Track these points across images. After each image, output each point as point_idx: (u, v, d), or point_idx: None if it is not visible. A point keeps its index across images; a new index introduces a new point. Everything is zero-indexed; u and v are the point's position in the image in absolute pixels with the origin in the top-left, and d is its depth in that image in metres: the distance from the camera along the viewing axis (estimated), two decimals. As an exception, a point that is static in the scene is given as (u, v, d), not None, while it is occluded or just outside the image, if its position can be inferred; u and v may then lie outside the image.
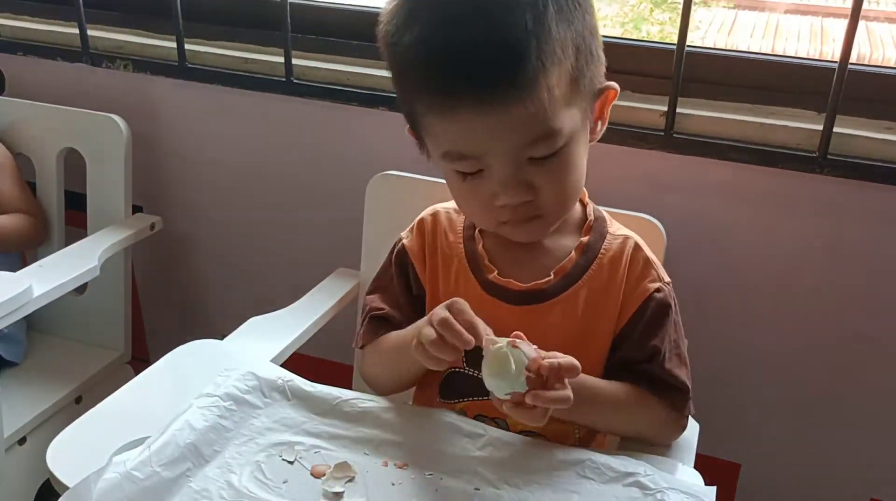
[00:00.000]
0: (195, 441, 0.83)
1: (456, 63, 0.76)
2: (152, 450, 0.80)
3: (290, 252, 1.65)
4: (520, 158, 0.82)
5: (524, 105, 0.77)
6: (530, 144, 0.81)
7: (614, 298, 0.92)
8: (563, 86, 0.80)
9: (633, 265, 0.93)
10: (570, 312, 0.92)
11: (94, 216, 1.56)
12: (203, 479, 0.81)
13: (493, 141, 0.80)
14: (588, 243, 0.94)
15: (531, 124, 0.79)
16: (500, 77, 0.76)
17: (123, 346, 1.61)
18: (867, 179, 1.19)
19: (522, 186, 0.83)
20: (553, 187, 0.85)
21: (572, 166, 0.86)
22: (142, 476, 0.77)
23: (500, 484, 0.81)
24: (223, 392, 0.90)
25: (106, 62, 1.60)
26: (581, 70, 0.82)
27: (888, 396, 1.33)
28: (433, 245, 0.99)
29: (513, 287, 0.92)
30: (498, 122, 0.78)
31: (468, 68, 0.76)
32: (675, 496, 0.79)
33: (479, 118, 0.78)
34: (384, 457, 0.86)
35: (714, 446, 1.42)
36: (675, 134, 1.26)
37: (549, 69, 0.77)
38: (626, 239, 0.95)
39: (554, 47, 0.77)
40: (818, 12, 2.74)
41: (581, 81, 0.83)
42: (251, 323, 1.19)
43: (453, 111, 0.79)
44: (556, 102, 0.79)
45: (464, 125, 0.79)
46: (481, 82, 0.76)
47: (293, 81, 1.47)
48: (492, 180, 0.83)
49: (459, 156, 0.83)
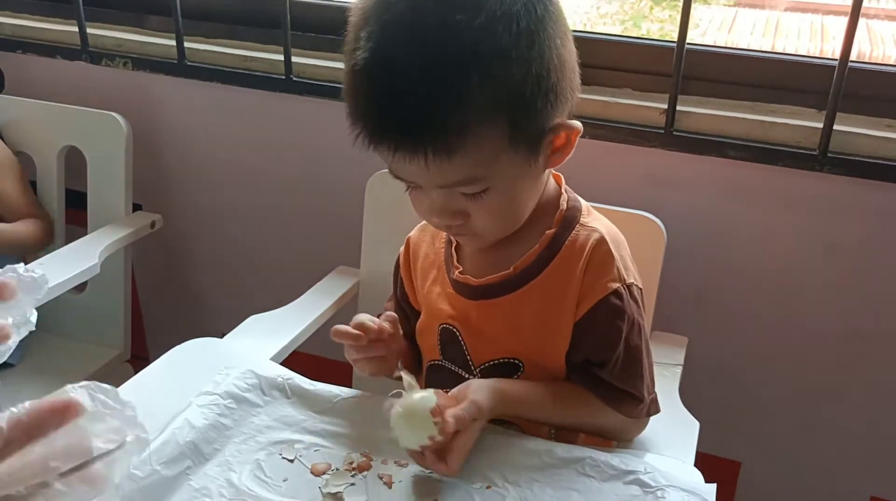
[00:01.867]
0: (195, 440, 0.83)
1: (386, 106, 0.77)
2: (152, 449, 0.80)
3: (289, 250, 1.65)
4: (450, 191, 0.82)
5: (448, 157, 0.77)
6: (456, 185, 0.81)
7: (573, 290, 0.89)
8: (490, 140, 0.78)
9: (594, 259, 0.89)
10: (529, 305, 0.91)
11: (95, 214, 1.56)
12: (203, 477, 0.81)
13: (418, 178, 0.82)
14: (554, 235, 0.91)
15: (456, 171, 0.79)
16: (415, 130, 0.76)
17: (123, 344, 1.61)
18: (867, 176, 1.19)
19: (452, 212, 0.84)
20: (486, 218, 0.85)
21: (508, 201, 0.85)
22: (141, 474, 0.77)
23: (501, 482, 0.81)
24: (223, 391, 0.90)
25: (105, 60, 1.60)
26: (521, 121, 0.79)
27: (888, 393, 1.33)
28: (416, 255, 1.02)
29: (471, 283, 0.93)
30: (423, 165, 0.77)
31: (387, 115, 0.77)
32: (675, 493, 0.79)
33: (405, 158, 0.78)
34: (384, 455, 0.86)
35: (714, 444, 1.42)
36: (676, 132, 1.26)
37: (470, 127, 0.76)
38: (592, 232, 0.90)
39: (486, 105, 0.76)
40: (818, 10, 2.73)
41: (522, 131, 0.80)
42: (251, 321, 1.19)
43: (379, 147, 0.79)
44: (480, 155, 0.78)
45: (396, 160, 0.79)
46: (398, 130, 0.77)
47: (293, 79, 1.47)
48: (430, 201, 0.85)
49: (396, 176, 0.85)
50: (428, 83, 0.74)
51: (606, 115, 1.30)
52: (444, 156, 0.76)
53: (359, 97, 0.79)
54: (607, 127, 1.29)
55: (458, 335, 0.95)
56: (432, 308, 0.98)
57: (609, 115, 1.30)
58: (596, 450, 0.85)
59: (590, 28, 2.49)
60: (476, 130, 0.76)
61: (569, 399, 0.91)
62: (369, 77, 0.77)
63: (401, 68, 0.75)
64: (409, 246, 1.04)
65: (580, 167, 1.33)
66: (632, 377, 0.90)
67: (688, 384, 1.14)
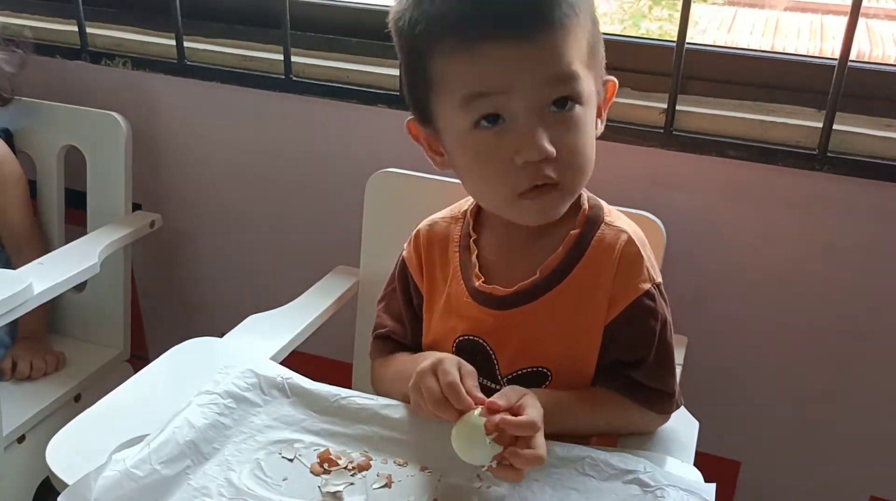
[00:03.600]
0: (195, 439, 0.83)
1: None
2: (152, 448, 0.80)
3: (289, 250, 1.65)
4: (541, 103, 0.81)
5: (548, 40, 0.79)
6: (551, 82, 0.81)
7: (603, 292, 0.89)
8: (583, 45, 0.83)
9: (624, 260, 0.89)
10: (558, 309, 0.90)
11: (94, 214, 1.56)
12: (202, 477, 0.81)
13: (516, 74, 0.80)
14: (579, 235, 0.91)
15: (553, 60, 0.80)
16: (527, 12, 0.79)
17: (123, 344, 1.61)
18: (867, 176, 1.19)
19: (544, 137, 0.81)
20: (569, 148, 0.83)
21: (586, 128, 0.85)
22: (141, 473, 0.77)
23: (500, 481, 0.81)
24: (223, 390, 0.90)
25: (105, 60, 1.60)
26: (596, 44, 0.86)
27: (888, 393, 1.33)
28: (430, 258, 0.98)
29: (497, 293, 0.91)
30: (521, 53, 0.79)
31: (495, 3, 0.79)
32: (674, 493, 0.79)
33: (503, 52, 0.79)
34: (384, 455, 0.85)
35: (714, 443, 1.41)
36: (675, 131, 1.26)
37: (574, 21, 0.80)
38: (620, 232, 0.91)
39: (579, 8, 0.81)
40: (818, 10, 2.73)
41: (596, 53, 0.86)
42: (250, 321, 1.19)
43: (478, 46, 0.79)
44: (577, 53, 0.82)
45: (487, 59, 0.79)
46: (507, 16, 0.78)
47: (292, 79, 1.47)
48: (513, 133, 0.81)
49: (480, 95, 0.81)
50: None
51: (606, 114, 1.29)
52: (544, 40, 0.79)
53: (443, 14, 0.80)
54: (606, 127, 1.26)
55: (487, 346, 0.93)
56: (446, 321, 0.96)
57: (608, 114, 1.29)
58: (596, 450, 0.85)
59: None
60: (577, 22, 0.81)
61: (604, 405, 0.91)
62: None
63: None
64: (420, 246, 1.00)
65: (580, 167, 1.33)
66: (666, 375, 0.91)
67: (687, 384, 1.14)
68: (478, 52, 0.79)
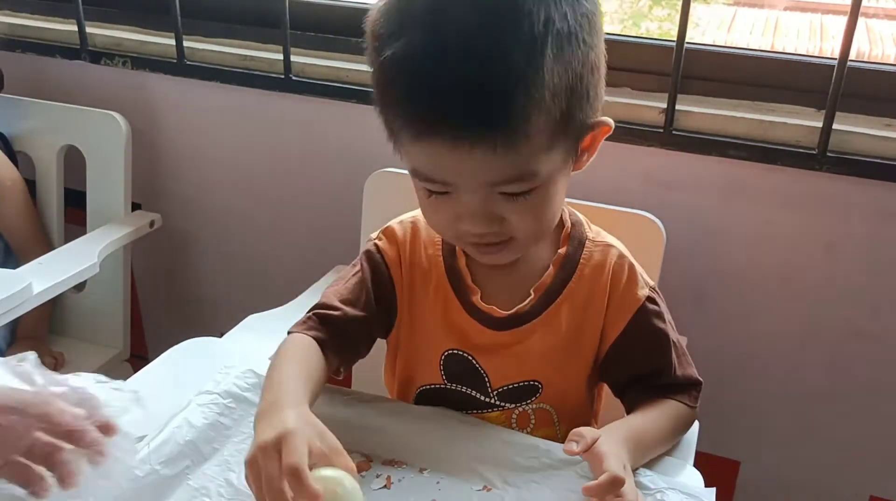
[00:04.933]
0: (194, 439, 0.83)
1: (437, 94, 0.72)
2: (151, 448, 0.80)
3: (288, 249, 1.65)
4: (490, 192, 0.77)
5: (500, 150, 0.72)
6: (502, 183, 0.76)
7: (597, 308, 0.90)
8: (546, 132, 0.75)
9: (618, 274, 0.90)
10: (554, 328, 0.90)
11: (94, 214, 1.56)
12: (202, 477, 0.80)
13: (463, 176, 0.76)
14: (566, 254, 0.90)
15: (505, 168, 0.74)
16: (479, 119, 0.71)
17: (122, 343, 1.61)
18: (866, 175, 1.19)
19: (489, 217, 0.79)
20: (524, 221, 0.80)
21: (547, 203, 0.81)
22: (141, 473, 0.77)
23: (500, 483, 0.81)
24: (222, 390, 0.90)
25: (104, 59, 1.60)
26: (570, 114, 0.76)
27: (887, 393, 1.33)
28: (411, 258, 0.94)
29: (496, 314, 0.90)
30: (471, 160, 0.73)
31: (448, 103, 0.71)
32: (674, 496, 0.79)
33: (452, 153, 0.73)
34: (382, 456, 0.85)
35: (713, 443, 1.41)
36: (675, 131, 1.26)
37: (533, 118, 0.72)
38: (608, 247, 0.91)
39: (543, 95, 0.72)
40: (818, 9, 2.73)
41: (569, 124, 0.77)
42: (250, 320, 1.19)
43: (427, 139, 0.74)
44: (536, 148, 0.75)
45: (435, 154, 0.75)
46: (458, 120, 0.72)
47: (292, 79, 1.47)
48: (459, 204, 0.79)
49: (427, 178, 0.79)
50: (495, 68, 0.70)
51: (606, 114, 1.29)
52: (511, 147, 0.72)
53: (400, 87, 0.74)
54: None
55: (475, 362, 0.92)
56: (433, 332, 0.93)
57: (608, 114, 1.29)
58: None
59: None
60: (539, 119, 0.73)
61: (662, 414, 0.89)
62: (417, 64, 0.72)
63: (460, 54, 0.70)
64: (399, 242, 0.94)
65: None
66: (688, 367, 0.93)
67: (687, 384, 1.14)
68: (425, 145, 0.75)
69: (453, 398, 0.94)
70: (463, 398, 0.94)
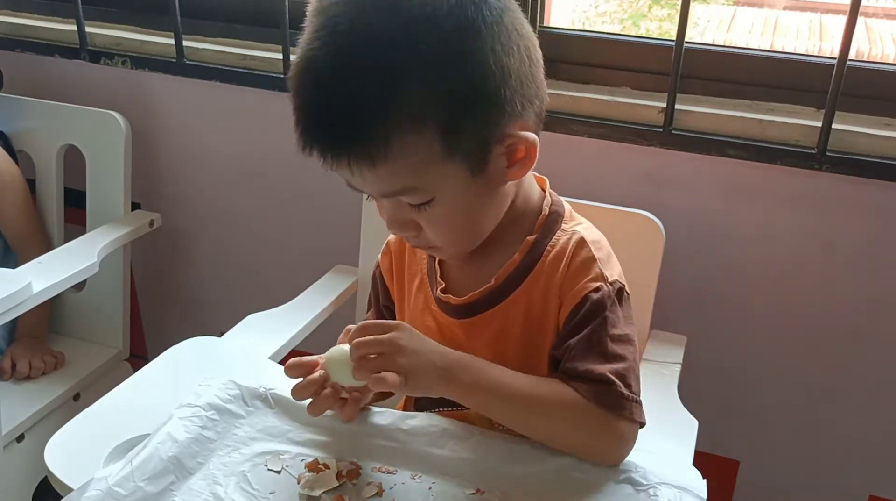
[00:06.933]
0: (178, 454, 0.80)
1: (311, 120, 0.77)
2: (134, 465, 0.78)
3: (288, 249, 1.65)
4: (395, 201, 0.80)
5: (371, 165, 0.75)
6: (395, 195, 0.79)
7: (555, 295, 0.87)
8: (423, 149, 0.75)
9: (574, 261, 0.86)
10: (514, 316, 0.88)
11: (94, 213, 1.56)
12: (188, 492, 0.78)
13: (357, 185, 0.80)
14: (534, 241, 0.88)
15: (387, 181, 0.77)
16: (346, 145, 0.75)
17: (122, 343, 1.61)
18: (866, 175, 1.19)
19: (402, 223, 0.82)
20: (435, 231, 0.82)
21: (459, 215, 0.81)
22: (124, 491, 0.75)
23: (491, 486, 0.80)
24: (204, 402, 0.87)
25: (104, 59, 1.60)
26: (459, 125, 0.75)
27: (887, 392, 1.33)
28: (400, 263, 0.98)
29: (452, 302, 0.90)
30: (356, 175, 0.77)
31: (320, 128, 0.77)
32: (666, 490, 0.78)
33: (341, 169, 0.78)
34: (373, 463, 0.83)
35: (713, 443, 1.42)
36: (674, 130, 1.26)
37: (392, 137, 0.73)
38: (573, 234, 0.87)
39: (409, 113, 0.73)
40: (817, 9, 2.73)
41: (460, 135, 0.76)
42: (249, 320, 1.19)
43: (313, 152, 0.78)
44: (416, 162, 0.75)
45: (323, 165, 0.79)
46: (331, 145, 0.76)
47: (292, 78, 1.47)
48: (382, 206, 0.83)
49: (349, 184, 0.82)
50: (346, 89, 0.73)
51: (605, 114, 1.30)
52: (367, 164, 0.75)
53: (293, 101, 0.78)
54: (606, 126, 1.28)
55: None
56: (416, 323, 0.93)
57: (608, 114, 1.30)
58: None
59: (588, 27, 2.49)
60: (399, 138, 0.74)
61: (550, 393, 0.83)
62: (296, 80, 0.77)
63: (321, 74, 0.74)
64: (391, 251, 0.99)
65: (579, 166, 1.33)
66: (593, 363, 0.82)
67: (686, 384, 1.14)
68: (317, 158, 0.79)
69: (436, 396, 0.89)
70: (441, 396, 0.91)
